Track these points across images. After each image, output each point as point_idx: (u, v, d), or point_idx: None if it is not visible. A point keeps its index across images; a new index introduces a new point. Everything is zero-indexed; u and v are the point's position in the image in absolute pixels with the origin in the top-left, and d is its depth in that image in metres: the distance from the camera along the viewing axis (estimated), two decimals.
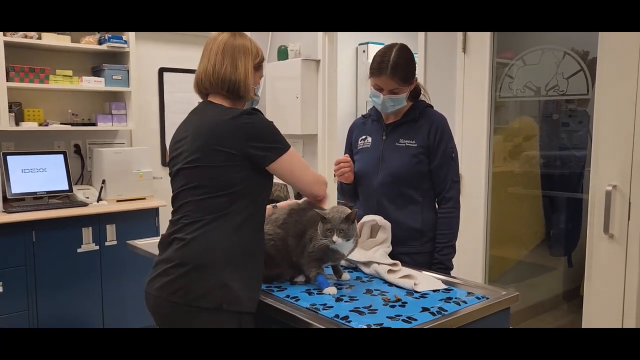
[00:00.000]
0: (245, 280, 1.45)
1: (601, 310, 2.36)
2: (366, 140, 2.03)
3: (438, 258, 1.90)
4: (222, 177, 1.44)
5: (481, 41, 2.84)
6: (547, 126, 3.24)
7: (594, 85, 2.45)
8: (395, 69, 1.83)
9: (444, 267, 1.89)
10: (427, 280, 1.61)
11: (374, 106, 2.04)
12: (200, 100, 1.63)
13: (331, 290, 1.53)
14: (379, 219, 1.82)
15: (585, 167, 3.06)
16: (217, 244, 1.44)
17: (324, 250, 1.56)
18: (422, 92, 2.03)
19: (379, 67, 1.85)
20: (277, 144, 1.48)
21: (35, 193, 3.19)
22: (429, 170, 1.93)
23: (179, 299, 1.42)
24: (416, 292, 1.53)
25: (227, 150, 1.44)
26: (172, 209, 1.56)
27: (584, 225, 2.50)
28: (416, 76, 1.93)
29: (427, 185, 1.94)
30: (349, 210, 1.57)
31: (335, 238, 1.51)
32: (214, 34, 1.59)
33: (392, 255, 1.81)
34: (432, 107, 2.00)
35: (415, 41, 3.22)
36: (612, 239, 2.29)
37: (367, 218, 1.84)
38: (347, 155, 2.04)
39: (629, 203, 2.23)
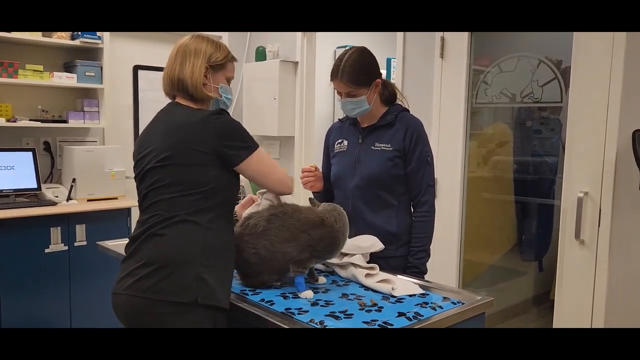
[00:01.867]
0: (219, 275, 1.46)
1: (571, 314, 2.40)
2: (342, 144, 2.03)
3: (412, 262, 1.90)
4: (194, 175, 1.46)
5: (459, 47, 2.87)
6: (520, 133, 3.29)
7: (567, 93, 2.50)
8: (344, 72, 1.85)
9: (418, 270, 1.89)
10: (404, 285, 1.61)
11: None
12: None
13: (307, 294, 1.52)
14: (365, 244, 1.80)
15: (557, 173, 3.12)
16: (191, 240, 1.44)
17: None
18: (399, 97, 2.03)
19: (333, 71, 1.89)
20: (247, 143, 1.52)
21: (1, 191, 3.09)
22: (405, 174, 1.93)
23: (153, 295, 1.39)
24: (393, 296, 1.53)
25: (199, 149, 1.46)
26: (140, 210, 1.54)
27: (555, 230, 2.54)
28: (379, 79, 1.92)
29: (402, 189, 1.94)
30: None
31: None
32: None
33: (368, 259, 1.81)
34: (408, 111, 2.01)
35: (394, 46, 3.23)
36: (583, 244, 2.34)
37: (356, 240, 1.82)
38: (313, 165, 2.05)
39: (600, 210, 2.28)
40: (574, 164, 2.36)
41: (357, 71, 1.86)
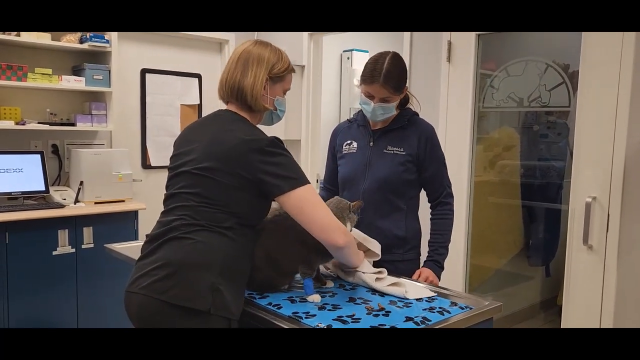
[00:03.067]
0: (236, 287, 1.43)
1: (579, 320, 2.39)
2: (352, 145, 2.01)
3: (434, 257, 1.91)
4: (228, 196, 1.42)
5: (466, 51, 2.86)
6: (526, 137, 3.28)
7: (575, 97, 2.49)
8: (387, 77, 1.81)
9: (438, 265, 1.90)
10: (415, 288, 1.62)
11: (359, 111, 2.03)
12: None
13: (315, 298, 1.52)
14: (368, 240, 1.78)
15: (564, 178, 3.10)
16: (214, 248, 1.40)
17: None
18: (410, 100, 2.03)
19: (371, 74, 1.82)
20: (292, 174, 1.42)
21: (9, 193, 3.11)
22: (416, 179, 1.93)
23: (168, 298, 1.36)
24: (405, 299, 1.54)
25: (241, 173, 1.41)
26: (164, 208, 1.51)
27: (562, 235, 2.53)
28: (407, 85, 1.93)
29: (412, 194, 1.95)
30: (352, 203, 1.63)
31: (348, 226, 1.55)
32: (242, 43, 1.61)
33: (375, 263, 1.81)
34: (418, 115, 2.00)
35: (401, 50, 3.23)
36: (591, 250, 2.33)
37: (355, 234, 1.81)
38: None
39: (608, 215, 2.27)
40: (582, 168, 2.35)
41: (397, 78, 1.84)
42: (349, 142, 2.02)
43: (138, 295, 1.40)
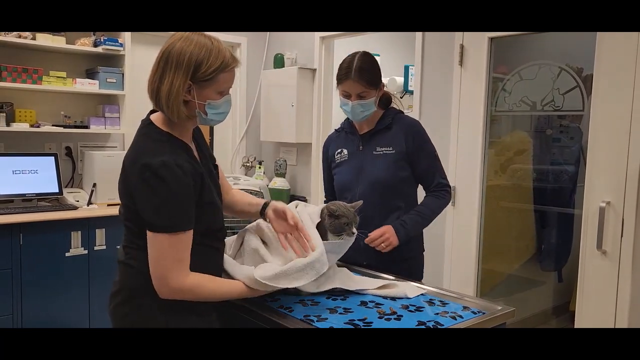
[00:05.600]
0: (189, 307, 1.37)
1: (592, 326, 2.36)
2: (342, 153, 2.03)
3: (404, 217, 1.88)
4: (133, 211, 1.33)
5: (478, 55, 2.85)
6: (539, 141, 3.26)
7: (589, 101, 2.47)
8: (359, 72, 1.85)
9: (404, 225, 1.85)
10: (411, 287, 1.64)
11: (346, 119, 2.06)
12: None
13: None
14: None
15: (577, 182, 3.08)
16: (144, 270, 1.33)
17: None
18: (393, 100, 2.04)
19: (344, 72, 1.88)
20: (157, 220, 1.27)
21: (24, 195, 3.15)
22: (411, 175, 1.94)
23: (128, 325, 1.39)
24: (409, 298, 1.56)
25: (130, 194, 1.32)
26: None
27: (575, 240, 2.51)
28: (383, 82, 1.95)
29: (409, 191, 1.97)
30: (352, 204, 1.63)
31: (354, 230, 1.55)
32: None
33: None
34: (402, 112, 2.02)
35: (412, 53, 3.23)
36: (605, 255, 2.30)
37: None
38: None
39: (622, 220, 2.24)
40: (596, 173, 2.33)
41: (370, 72, 1.88)
42: (339, 150, 2.05)
43: (111, 316, 1.45)
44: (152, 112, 1.45)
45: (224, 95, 1.38)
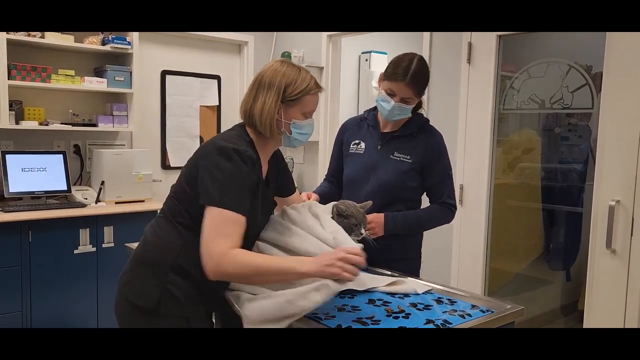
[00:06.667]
0: (193, 287, 1.43)
1: (601, 326, 2.34)
2: (359, 146, 1.99)
3: (396, 213, 1.86)
4: (181, 189, 1.47)
5: (486, 52, 2.84)
6: (547, 139, 3.24)
7: (598, 99, 2.45)
8: (415, 77, 1.79)
9: (393, 219, 1.84)
10: (420, 285, 1.65)
11: (371, 110, 2.01)
12: None
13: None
14: None
15: (585, 181, 3.06)
16: (167, 245, 1.46)
17: None
18: (422, 106, 2.00)
19: (399, 72, 1.79)
20: (213, 193, 1.35)
21: (33, 192, 3.17)
22: (420, 185, 1.93)
23: (125, 292, 1.48)
24: (424, 302, 1.54)
25: (194, 166, 1.43)
26: None
27: (584, 239, 2.49)
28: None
29: (414, 197, 1.95)
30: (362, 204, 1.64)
31: (363, 231, 1.55)
32: None
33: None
34: (428, 121, 1.98)
35: (420, 51, 3.22)
36: (615, 254, 2.28)
37: None
38: (311, 194, 1.91)
39: (632, 218, 2.23)
40: (605, 171, 2.31)
41: (424, 80, 1.83)
42: (357, 141, 2.00)
43: (116, 291, 1.53)
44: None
45: (307, 118, 1.53)
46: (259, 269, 1.32)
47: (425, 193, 1.98)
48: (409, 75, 1.78)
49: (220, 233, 1.32)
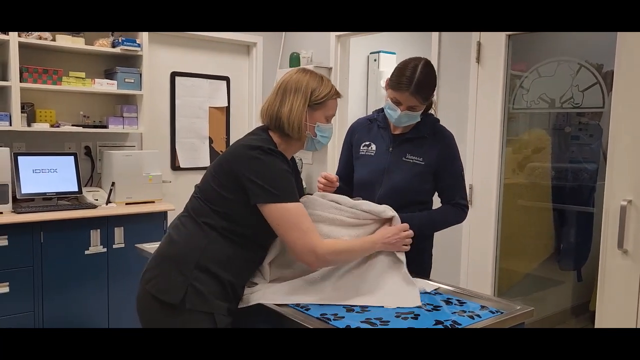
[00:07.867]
0: (217, 284, 1.47)
1: (614, 326, 2.32)
2: (370, 148, 1.97)
3: (415, 217, 1.79)
4: (213, 192, 1.50)
5: (495, 51, 2.82)
6: (557, 139, 3.22)
7: (609, 98, 2.43)
8: (418, 87, 1.75)
9: (413, 223, 1.72)
10: (428, 284, 1.68)
11: (380, 111, 1.98)
12: None
13: None
14: None
15: (596, 181, 3.03)
16: (191, 243, 1.49)
17: None
18: (433, 106, 1.98)
19: (402, 82, 1.76)
20: (274, 189, 1.44)
21: (44, 194, 3.20)
22: (432, 188, 1.92)
23: (150, 288, 1.50)
24: (427, 292, 1.61)
25: (230, 172, 1.47)
26: None
27: (595, 239, 2.47)
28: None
29: (426, 199, 1.94)
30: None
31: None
32: None
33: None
34: (439, 121, 1.96)
35: (429, 51, 3.21)
36: (626, 254, 2.26)
37: None
38: (335, 176, 1.91)
39: None
40: (617, 171, 2.29)
41: (429, 87, 1.80)
42: (367, 143, 1.98)
43: (139, 288, 1.54)
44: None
45: (329, 122, 1.63)
46: (350, 251, 1.54)
47: (437, 194, 1.97)
48: (413, 84, 1.74)
49: (300, 229, 1.43)
